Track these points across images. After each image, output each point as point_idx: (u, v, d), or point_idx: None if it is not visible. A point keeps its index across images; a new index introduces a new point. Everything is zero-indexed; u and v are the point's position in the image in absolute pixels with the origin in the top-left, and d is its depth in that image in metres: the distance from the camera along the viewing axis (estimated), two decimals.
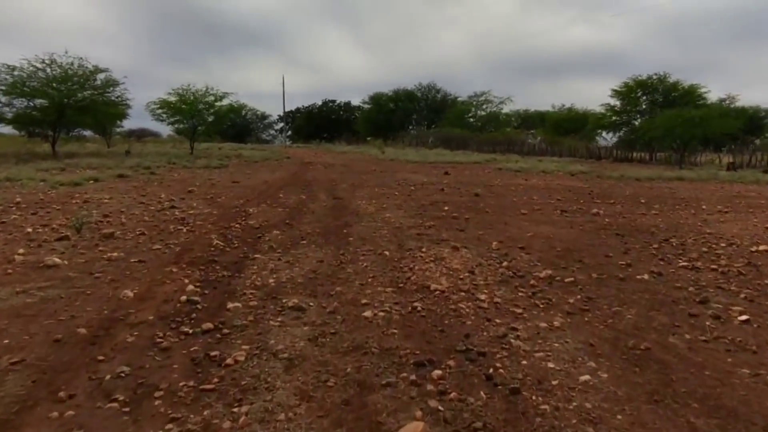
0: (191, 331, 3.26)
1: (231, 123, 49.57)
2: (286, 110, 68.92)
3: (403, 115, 55.77)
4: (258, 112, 65.14)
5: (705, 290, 4.38)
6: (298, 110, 71.44)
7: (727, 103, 38.25)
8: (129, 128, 50.14)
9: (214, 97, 28.70)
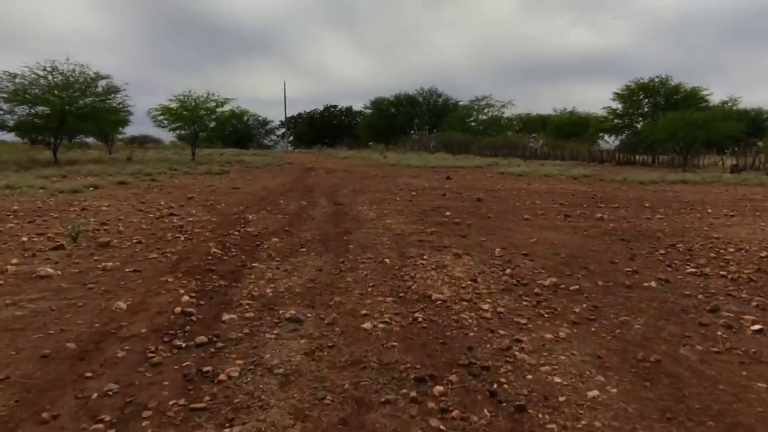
0: (184, 345, 3.15)
1: (233, 129, 49.67)
2: (288, 116, 68.97)
3: (405, 120, 55.81)
4: (260, 118, 65.30)
5: (715, 298, 4.25)
6: (300, 116, 71.57)
7: (730, 106, 38.19)
8: (131, 135, 50.38)
9: (216, 103, 28.76)
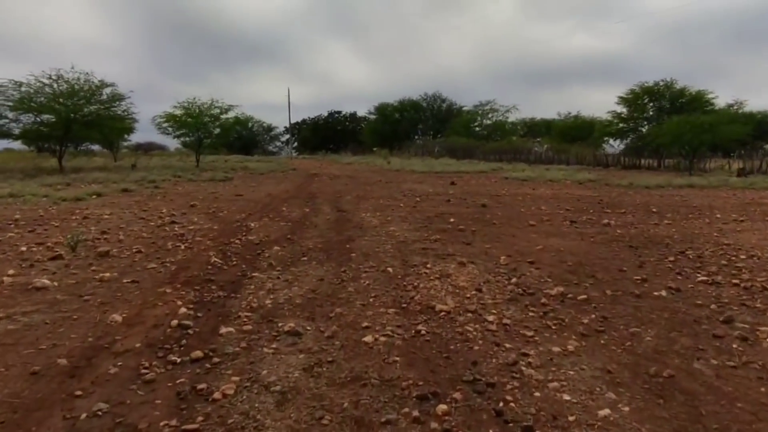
0: (179, 360, 3.05)
1: (237, 135, 49.83)
2: (292, 122, 69.32)
3: (409, 125, 55.77)
4: (264, 124, 65.32)
5: (728, 308, 4.11)
6: (304, 122, 71.65)
7: (735, 109, 37.88)
8: (136, 142, 50.58)
9: (220, 110, 28.75)
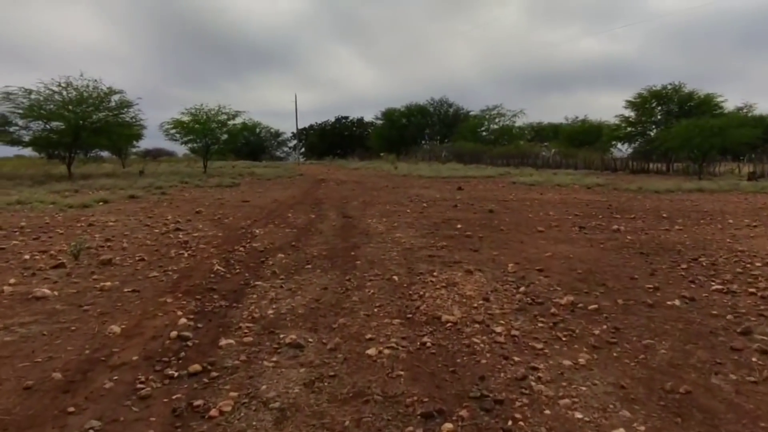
0: (177, 375, 2.96)
1: (245, 141, 50.01)
2: (300, 127, 69.48)
3: (416, 130, 55.72)
4: (272, 130, 65.67)
5: (746, 318, 3.97)
6: (312, 127, 71.93)
7: (745, 112, 37.49)
8: (145, 148, 50.93)
9: (227, 116, 28.91)
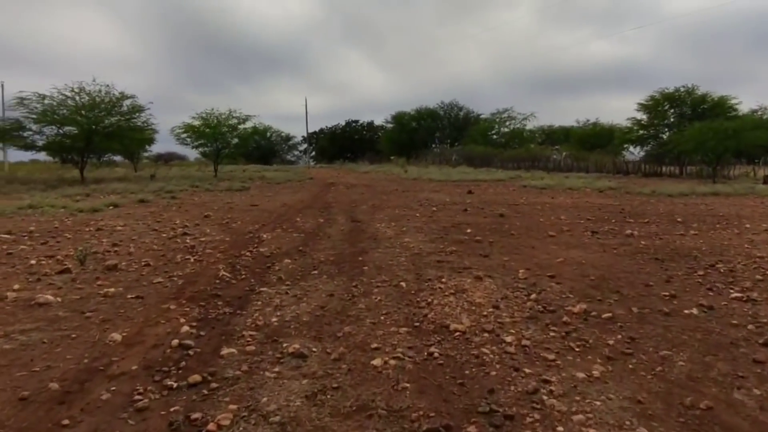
0: (176, 385, 2.87)
1: (256, 145, 50.22)
2: (310, 131, 69.77)
3: (426, 134, 55.64)
4: (282, 134, 65.82)
5: (767, 329, 3.81)
6: (322, 131, 72.12)
7: (759, 114, 36.87)
8: (157, 152, 51.29)
9: (237, 120, 28.99)
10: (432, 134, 56.95)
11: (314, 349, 3.43)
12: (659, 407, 2.67)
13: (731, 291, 4.83)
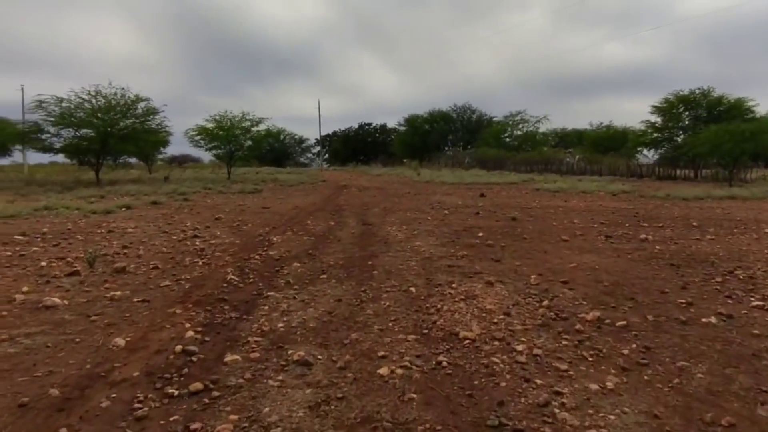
0: (177, 393, 2.82)
1: (269, 147, 50.45)
2: (323, 134, 69.96)
3: (439, 137, 55.41)
4: (296, 137, 66.01)
5: None
6: (335, 133, 72.16)
7: None
8: (171, 154, 51.75)
9: (251, 123, 29.12)
10: (445, 137, 56.72)
11: (320, 357, 3.35)
12: (677, 423, 2.55)
13: (752, 299, 4.67)
